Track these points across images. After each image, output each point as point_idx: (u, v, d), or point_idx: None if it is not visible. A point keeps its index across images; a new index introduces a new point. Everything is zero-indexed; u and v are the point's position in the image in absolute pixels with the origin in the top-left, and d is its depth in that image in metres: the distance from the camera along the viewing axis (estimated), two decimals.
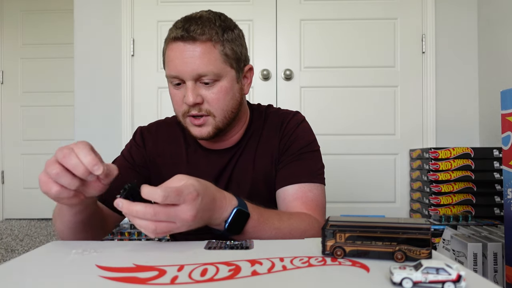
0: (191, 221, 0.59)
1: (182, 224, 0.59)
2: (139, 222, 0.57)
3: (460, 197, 1.89)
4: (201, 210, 0.60)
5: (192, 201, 0.58)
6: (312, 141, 0.94)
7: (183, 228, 0.59)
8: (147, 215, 0.56)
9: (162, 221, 0.57)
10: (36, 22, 3.43)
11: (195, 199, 0.59)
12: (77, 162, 0.58)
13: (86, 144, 0.61)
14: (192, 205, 0.58)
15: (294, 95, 2.31)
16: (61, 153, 0.59)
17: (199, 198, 0.60)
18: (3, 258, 2.20)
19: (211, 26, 0.82)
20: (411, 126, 2.30)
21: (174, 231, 0.59)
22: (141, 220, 0.57)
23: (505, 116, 1.08)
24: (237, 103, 0.89)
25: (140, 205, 0.56)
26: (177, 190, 0.57)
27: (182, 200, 0.58)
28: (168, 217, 0.57)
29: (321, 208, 0.88)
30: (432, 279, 0.43)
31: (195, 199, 0.59)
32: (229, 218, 0.67)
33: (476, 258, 1.17)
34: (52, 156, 0.60)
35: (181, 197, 0.57)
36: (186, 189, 0.58)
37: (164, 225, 0.57)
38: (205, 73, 0.81)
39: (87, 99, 2.33)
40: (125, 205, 0.56)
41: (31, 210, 3.41)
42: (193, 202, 0.59)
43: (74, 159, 0.58)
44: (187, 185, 0.59)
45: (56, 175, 0.58)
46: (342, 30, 2.31)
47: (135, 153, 0.96)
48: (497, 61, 2.09)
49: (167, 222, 0.58)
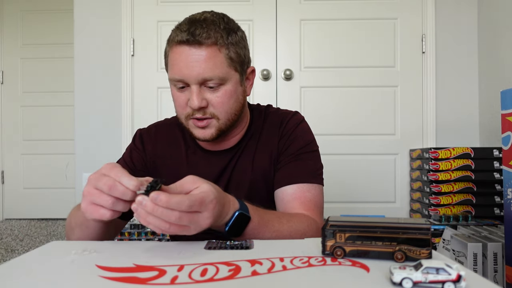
0: (206, 227, 0.60)
1: (195, 228, 0.59)
2: (153, 221, 0.56)
3: (460, 197, 1.89)
4: (215, 217, 0.62)
5: (212, 210, 0.60)
6: (311, 141, 0.94)
7: (194, 232, 0.60)
8: (172, 217, 0.56)
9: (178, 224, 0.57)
10: (36, 22, 3.43)
11: (215, 207, 0.61)
12: (124, 189, 0.59)
13: (119, 167, 0.62)
14: (211, 213, 0.60)
15: (294, 95, 2.31)
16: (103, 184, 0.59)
17: (217, 206, 0.61)
18: (3, 258, 2.20)
19: (216, 30, 0.81)
20: (411, 126, 2.30)
21: (184, 233, 0.59)
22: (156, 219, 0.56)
23: (505, 116, 1.08)
24: (240, 106, 0.89)
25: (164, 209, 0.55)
26: (200, 199, 0.58)
27: (204, 209, 0.59)
28: (190, 222, 0.58)
29: (320, 208, 0.88)
30: (432, 279, 0.43)
31: (214, 207, 0.60)
32: (230, 221, 0.67)
33: (476, 258, 1.17)
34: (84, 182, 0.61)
35: (203, 206, 0.58)
36: (207, 197, 0.59)
37: (177, 229, 0.57)
38: (210, 78, 0.81)
39: (87, 99, 2.33)
40: (149, 205, 0.55)
41: (31, 210, 3.41)
42: (213, 211, 0.60)
43: (120, 187, 0.59)
44: (207, 191, 0.60)
45: (112, 205, 0.60)
46: (342, 30, 2.31)
47: (135, 158, 0.96)
48: (497, 61, 2.09)
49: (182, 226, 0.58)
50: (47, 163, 3.39)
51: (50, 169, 3.38)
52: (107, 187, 0.59)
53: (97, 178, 0.61)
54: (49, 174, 3.38)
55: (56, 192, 3.35)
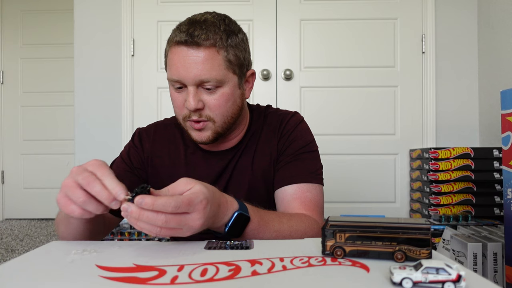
0: (198, 228, 0.59)
1: (187, 230, 0.58)
2: (143, 226, 0.55)
3: (460, 197, 1.89)
4: (208, 217, 0.60)
5: (202, 210, 0.58)
6: (311, 141, 0.94)
7: (187, 234, 0.59)
8: (158, 222, 0.55)
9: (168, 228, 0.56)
10: (36, 22, 3.43)
11: (205, 208, 0.59)
12: (102, 188, 0.57)
13: (106, 166, 0.60)
14: (202, 213, 0.58)
15: (294, 95, 2.31)
16: (83, 178, 0.58)
17: (208, 206, 0.59)
18: (3, 258, 2.20)
19: (216, 31, 0.81)
20: (411, 126, 2.29)
21: (177, 235, 0.59)
22: (145, 224, 0.55)
23: (505, 116, 1.08)
24: (237, 109, 0.88)
25: (151, 212, 0.54)
26: (188, 200, 0.56)
27: (193, 209, 0.57)
28: (178, 224, 0.57)
29: (320, 208, 0.88)
30: (432, 279, 0.43)
31: (204, 208, 0.59)
32: (229, 222, 0.67)
33: (476, 258, 1.17)
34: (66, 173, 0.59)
35: (191, 207, 0.57)
36: (196, 198, 0.58)
37: (169, 231, 0.57)
38: (207, 79, 0.81)
39: (87, 99, 2.33)
40: (135, 211, 0.54)
41: (31, 210, 3.41)
42: (203, 211, 0.58)
43: (98, 185, 0.57)
44: (197, 192, 0.58)
45: (82, 203, 0.58)
46: (342, 30, 2.31)
47: (133, 156, 0.96)
48: (497, 61, 2.09)
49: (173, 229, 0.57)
50: (47, 163, 3.39)
51: (50, 169, 3.38)
52: (86, 182, 0.57)
53: (79, 171, 0.59)
54: (49, 174, 3.38)
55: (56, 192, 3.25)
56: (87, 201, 0.58)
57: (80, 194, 0.58)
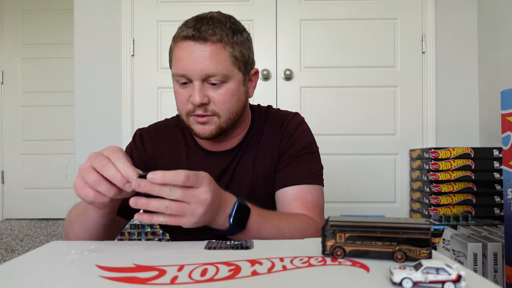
0: (208, 204, 0.61)
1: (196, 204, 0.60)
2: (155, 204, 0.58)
3: (460, 197, 1.89)
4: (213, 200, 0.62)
5: (208, 184, 0.61)
6: (312, 142, 0.95)
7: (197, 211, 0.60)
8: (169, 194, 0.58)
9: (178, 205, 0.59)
10: (36, 22, 3.43)
11: (210, 183, 0.62)
12: (115, 171, 0.60)
13: (120, 151, 0.63)
14: (208, 187, 0.61)
15: (294, 95, 2.31)
16: (98, 161, 0.61)
17: (212, 182, 0.62)
18: (3, 258, 2.20)
19: (222, 28, 0.82)
20: (411, 126, 2.30)
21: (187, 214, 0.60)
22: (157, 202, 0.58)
23: (505, 116, 1.08)
24: (242, 106, 0.89)
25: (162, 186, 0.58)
26: (195, 173, 0.60)
27: (200, 183, 0.60)
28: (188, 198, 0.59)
29: (320, 209, 0.89)
30: (432, 279, 0.43)
31: (210, 183, 0.62)
32: (232, 212, 0.69)
33: (476, 258, 1.17)
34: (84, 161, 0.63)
35: (199, 179, 0.60)
36: (201, 173, 0.61)
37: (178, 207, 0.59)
38: (213, 74, 0.81)
39: (87, 99, 2.33)
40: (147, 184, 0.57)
41: (31, 210, 3.41)
42: (209, 185, 0.61)
43: (111, 168, 0.60)
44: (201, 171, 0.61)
45: (94, 183, 0.61)
46: (342, 30, 2.31)
47: (135, 157, 0.95)
48: (497, 61, 2.09)
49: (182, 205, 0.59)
50: (47, 163, 3.39)
51: (50, 169, 3.38)
52: (100, 165, 0.60)
53: (95, 156, 0.62)
54: (49, 174, 3.38)
55: (56, 192, 3.35)
56: (98, 181, 0.60)
57: (93, 175, 0.61)
